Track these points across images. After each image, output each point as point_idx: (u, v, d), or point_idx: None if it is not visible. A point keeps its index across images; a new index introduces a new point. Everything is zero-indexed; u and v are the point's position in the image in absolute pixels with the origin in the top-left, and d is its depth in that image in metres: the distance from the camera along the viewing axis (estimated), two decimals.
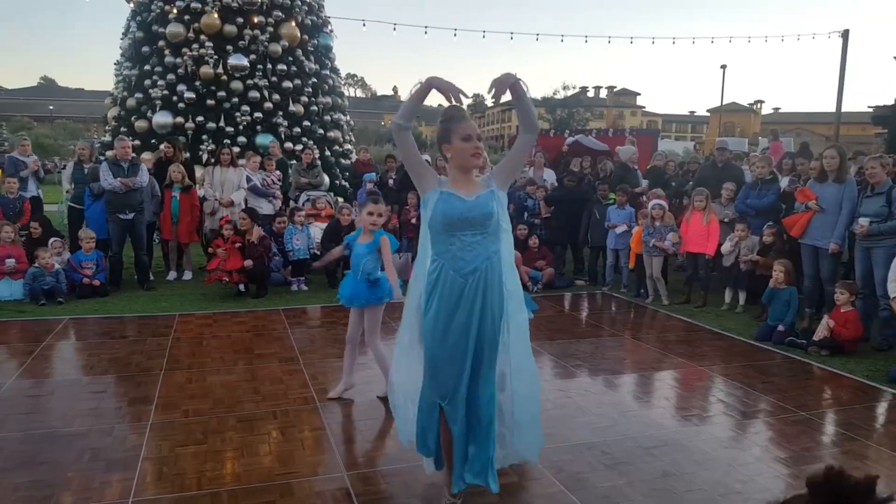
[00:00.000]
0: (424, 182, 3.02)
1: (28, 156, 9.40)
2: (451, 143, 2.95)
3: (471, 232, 2.93)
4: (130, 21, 12.50)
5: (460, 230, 2.92)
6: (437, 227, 2.96)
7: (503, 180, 3.09)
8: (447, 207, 2.91)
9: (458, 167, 2.99)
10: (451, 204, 2.92)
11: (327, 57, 13.57)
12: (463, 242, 2.93)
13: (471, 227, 2.92)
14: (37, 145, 10.75)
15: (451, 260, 2.94)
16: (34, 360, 5.31)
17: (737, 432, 4.16)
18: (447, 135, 2.97)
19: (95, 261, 7.69)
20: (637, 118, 74.37)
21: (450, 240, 2.94)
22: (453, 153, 2.96)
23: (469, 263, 2.93)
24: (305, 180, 10.09)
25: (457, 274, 2.93)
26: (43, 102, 64.96)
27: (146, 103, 11.76)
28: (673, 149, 35.42)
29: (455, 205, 2.91)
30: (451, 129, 2.95)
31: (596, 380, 5.16)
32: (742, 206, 7.76)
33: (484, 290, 2.94)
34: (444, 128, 2.99)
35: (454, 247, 2.94)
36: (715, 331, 6.71)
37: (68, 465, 3.49)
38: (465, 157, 2.94)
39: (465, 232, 2.92)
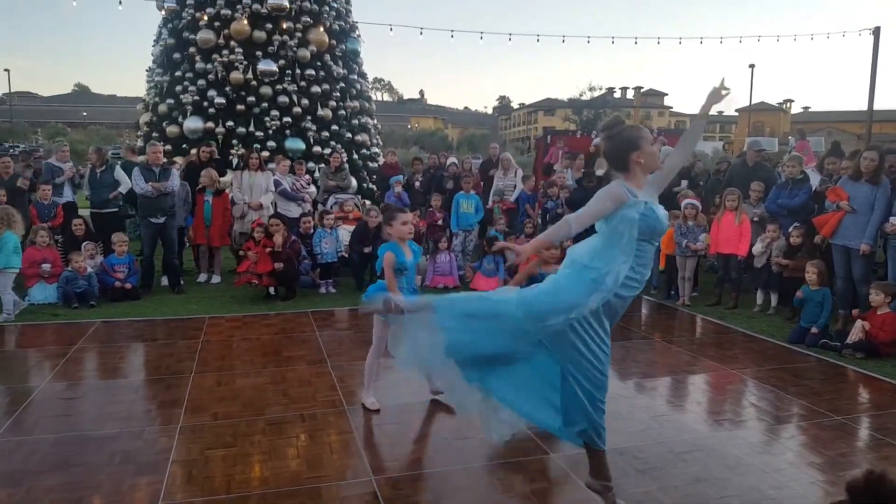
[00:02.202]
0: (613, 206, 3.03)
1: (66, 162, 9.61)
2: (642, 149, 3.05)
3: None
4: (162, 28, 12.71)
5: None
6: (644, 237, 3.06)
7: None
8: (652, 219, 3.03)
9: (646, 171, 3.09)
10: (655, 216, 3.05)
11: (355, 61, 13.65)
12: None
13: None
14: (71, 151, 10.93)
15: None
16: (67, 362, 5.40)
17: (770, 437, 4.07)
18: (638, 142, 3.05)
19: (127, 264, 7.81)
20: (665, 118, 73.68)
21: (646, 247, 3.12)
22: (645, 158, 3.05)
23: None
24: (333, 183, 10.14)
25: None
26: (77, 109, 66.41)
27: (177, 109, 11.94)
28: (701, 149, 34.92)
29: (659, 215, 3.07)
30: (641, 137, 3.07)
31: (627, 384, 5.09)
32: (773, 207, 7.62)
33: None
34: (631, 137, 3.07)
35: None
36: (747, 333, 6.59)
37: (99, 468, 3.53)
38: (655, 160, 3.11)
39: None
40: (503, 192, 10.14)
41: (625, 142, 3.05)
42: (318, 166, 11.29)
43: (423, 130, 69.25)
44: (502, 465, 3.66)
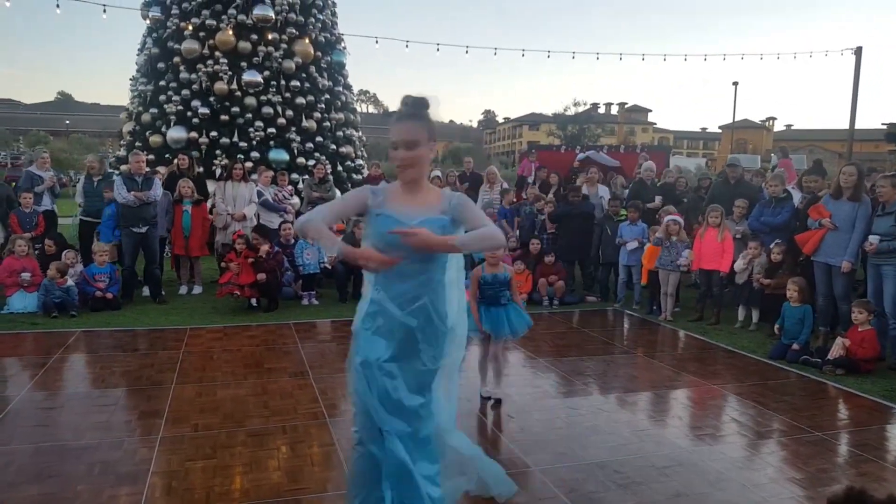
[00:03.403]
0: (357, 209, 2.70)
1: (46, 170, 9.51)
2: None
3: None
4: (146, 37, 12.68)
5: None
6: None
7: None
8: (384, 227, 2.57)
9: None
10: (383, 226, 2.56)
11: (340, 73, 13.68)
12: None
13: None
14: (53, 159, 10.84)
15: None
16: (46, 372, 5.33)
17: (751, 452, 4.10)
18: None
19: (108, 274, 7.74)
20: (648, 134, 74.45)
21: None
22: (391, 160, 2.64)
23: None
24: (317, 195, 10.12)
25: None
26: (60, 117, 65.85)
27: (161, 118, 11.88)
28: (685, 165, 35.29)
29: (391, 228, 2.51)
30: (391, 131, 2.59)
31: (608, 398, 5.11)
32: (756, 224, 7.71)
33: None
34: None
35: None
36: (728, 349, 6.65)
37: (78, 479, 3.48)
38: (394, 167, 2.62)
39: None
40: (491, 205, 10.18)
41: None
42: (302, 178, 11.28)
43: None
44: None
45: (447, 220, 2.57)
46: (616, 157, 14.09)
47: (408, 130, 2.55)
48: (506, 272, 4.88)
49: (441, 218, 2.56)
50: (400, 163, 2.56)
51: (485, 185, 10.58)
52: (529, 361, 6.08)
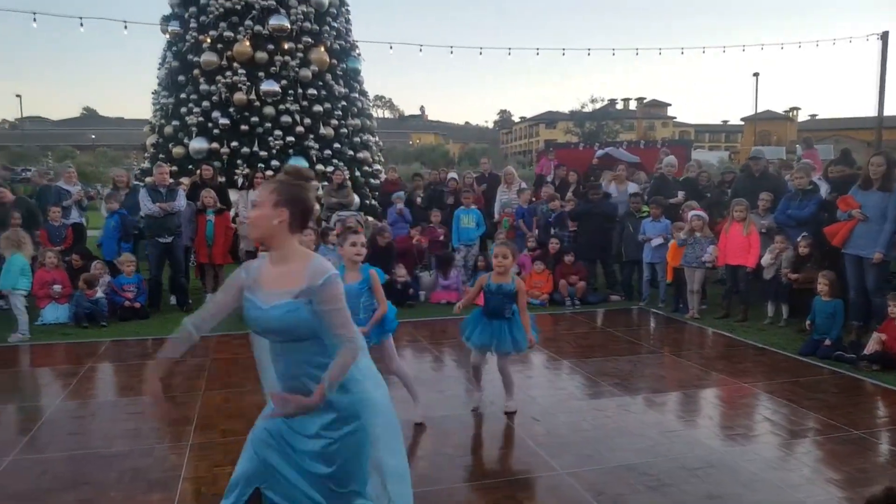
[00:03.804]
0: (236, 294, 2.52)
1: (73, 184, 9.68)
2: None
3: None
4: (166, 51, 12.86)
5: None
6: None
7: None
8: (247, 314, 2.45)
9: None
10: (249, 311, 2.44)
11: (356, 80, 13.76)
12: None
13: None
14: (80, 173, 11.05)
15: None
16: (78, 381, 5.41)
17: (785, 452, 4.03)
18: None
19: (136, 284, 7.85)
20: (668, 129, 73.79)
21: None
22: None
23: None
24: (336, 200, 10.19)
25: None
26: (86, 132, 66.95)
27: (183, 130, 12.03)
28: (707, 159, 34.94)
29: (251, 313, 2.42)
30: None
31: (635, 399, 5.06)
32: (782, 218, 7.59)
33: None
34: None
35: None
36: (758, 346, 6.55)
37: (111, 485, 3.53)
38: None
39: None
40: (509, 205, 10.16)
41: None
42: (321, 184, 11.33)
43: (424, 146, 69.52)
44: (509, 482, 3.63)
45: (301, 304, 2.30)
46: (636, 153, 13.97)
47: (258, 193, 2.49)
48: (513, 283, 4.49)
49: (292, 303, 2.29)
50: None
51: (502, 186, 10.55)
52: (553, 363, 6.05)
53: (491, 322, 4.51)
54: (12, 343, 6.62)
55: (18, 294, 6.83)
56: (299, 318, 2.28)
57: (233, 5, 12.00)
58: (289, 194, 2.38)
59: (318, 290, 2.28)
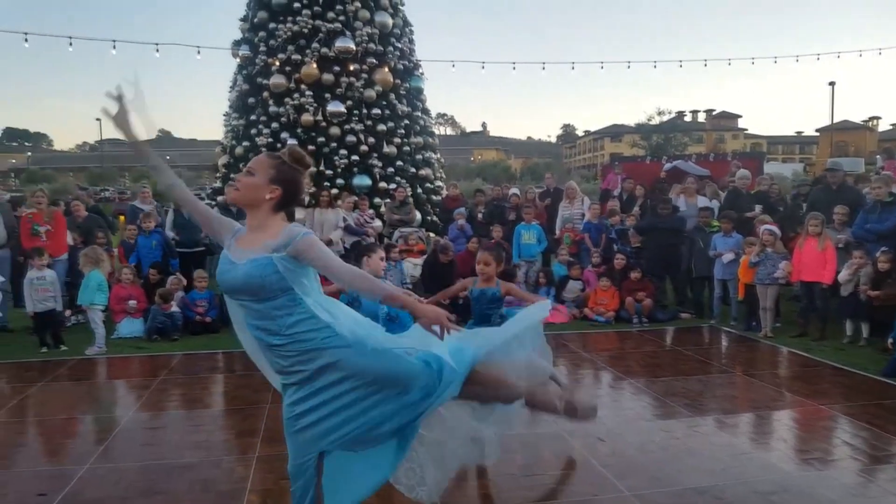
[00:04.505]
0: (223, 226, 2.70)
1: (148, 203, 10.10)
2: None
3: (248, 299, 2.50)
4: (237, 74, 13.35)
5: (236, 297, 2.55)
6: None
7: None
8: (219, 269, 2.59)
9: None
10: (221, 267, 2.58)
11: (418, 99, 13.93)
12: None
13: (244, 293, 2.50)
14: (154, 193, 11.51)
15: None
16: (151, 393, 5.62)
17: (867, 478, 3.81)
18: None
19: (208, 299, 8.11)
20: (739, 141, 71.78)
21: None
22: None
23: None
24: (398, 217, 10.31)
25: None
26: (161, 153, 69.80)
27: (253, 151, 12.40)
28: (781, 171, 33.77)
29: (223, 268, 2.56)
30: None
31: (705, 420, 4.88)
32: (861, 232, 7.25)
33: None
34: None
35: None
36: (836, 366, 6.24)
37: (181, 496, 3.64)
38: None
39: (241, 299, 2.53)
40: (570, 221, 10.04)
41: None
42: (384, 201, 11.50)
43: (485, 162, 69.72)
44: (571, 503, 3.56)
45: (279, 258, 2.41)
46: (705, 166, 13.63)
47: (256, 160, 2.58)
48: (497, 288, 4.42)
49: (266, 258, 2.40)
50: (232, 184, 2.58)
51: (564, 201, 10.43)
52: (619, 382, 5.91)
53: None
54: (89, 356, 6.92)
55: (96, 309, 7.14)
56: (266, 273, 2.38)
57: (300, 29, 12.37)
58: (287, 175, 2.54)
59: (298, 241, 2.41)
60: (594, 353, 6.96)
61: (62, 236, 8.30)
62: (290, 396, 2.61)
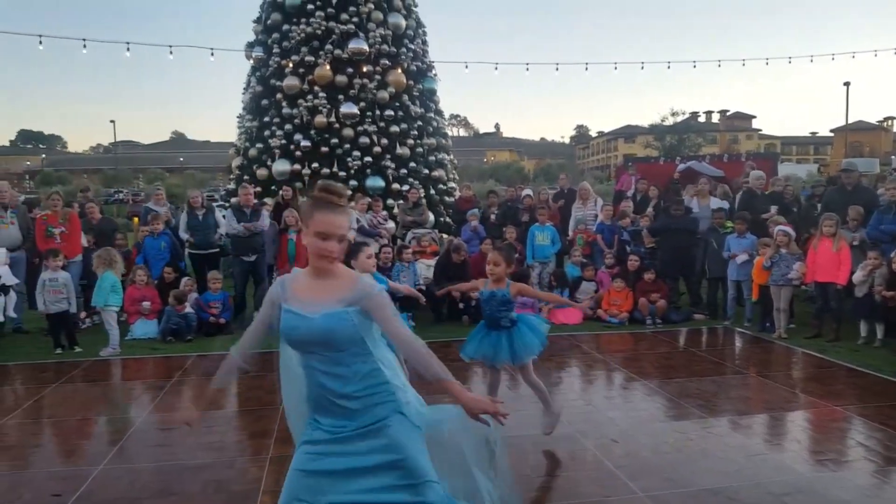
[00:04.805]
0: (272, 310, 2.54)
1: (162, 205, 10.18)
2: (308, 228, 2.39)
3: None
4: (250, 76, 13.41)
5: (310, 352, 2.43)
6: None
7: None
8: (287, 324, 2.44)
9: (315, 261, 2.42)
10: (289, 322, 2.42)
11: (431, 100, 13.93)
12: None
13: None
14: (168, 195, 11.62)
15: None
16: (165, 394, 5.66)
17: (881, 479, 3.78)
18: (306, 216, 2.41)
19: (221, 301, 8.16)
20: (753, 141, 71.34)
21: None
22: (308, 241, 2.40)
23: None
24: (411, 218, 10.32)
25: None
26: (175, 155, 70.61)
27: (266, 152, 12.47)
28: (795, 172, 33.53)
29: (292, 323, 2.42)
30: (310, 213, 2.39)
31: (719, 421, 4.86)
32: (875, 233, 7.19)
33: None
34: (306, 209, 2.44)
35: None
36: (850, 367, 6.19)
37: (195, 496, 3.67)
38: (314, 249, 2.38)
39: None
40: (584, 222, 10.02)
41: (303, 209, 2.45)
42: (397, 202, 11.52)
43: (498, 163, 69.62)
44: None
45: (353, 312, 2.35)
46: (720, 167, 13.51)
47: (341, 224, 2.41)
48: (507, 290, 4.27)
49: (343, 312, 2.34)
50: (329, 255, 2.36)
51: (577, 202, 10.40)
52: (633, 383, 5.89)
53: (489, 333, 4.30)
54: (103, 357, 6.98)
55: (111, 310, 7.20)
56: (346, 325, 2.33)
57: (314, 30, 12.40)
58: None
59: (366, 296, 2.36)
60: (608, 354, 6.94)
61: (77, 238, 8.38)
62: (323, 443, 2.49)
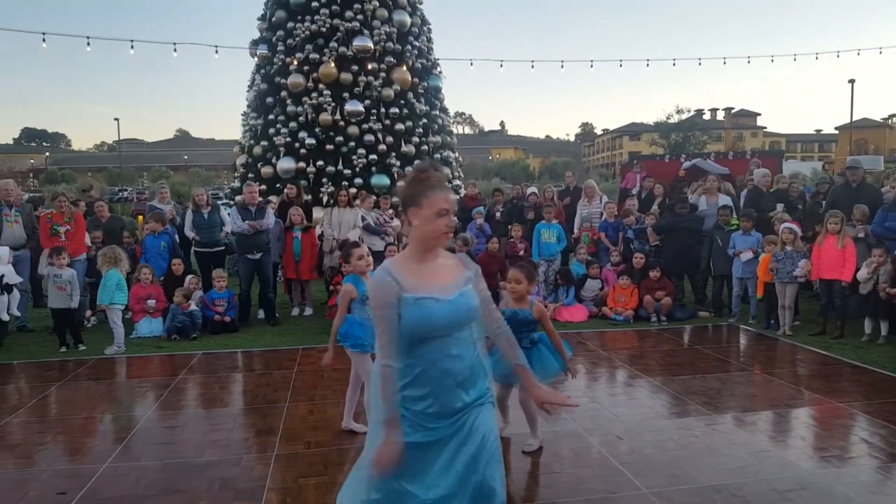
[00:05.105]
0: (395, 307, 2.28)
1: (166, 203, 10.20)
2: (419, 207, 2.29)
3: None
4: (255, 74, 13.43)
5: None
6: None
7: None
8: (425, 312, 2.25)
9: (423, 245, 2.35)
10: (428, 308, 2.25)
11: (437, 98, 13.93)
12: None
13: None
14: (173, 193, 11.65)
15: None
16: (170, 392, 5.69)
17: (884, 476, 3.78)
18: (415, 198, 2.30)
19: (227, 298, 8.18)
20: (758, 139, 71.16)
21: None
22: (420, 222, 2.30)
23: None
24: None
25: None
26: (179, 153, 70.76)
27: (271, 150, 12.50)
28: (800, 170, 33.43)
29: (431, 309, 2.25)
30: (424, 194, 2.29)
31: (724, 418, 4.87)
32: (880, 230, 7.17)
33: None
34: (416, 191, 2.31)
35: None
36: (855, 364, 6.18)
37: (201, 494, 3.69)
38: (432, 231, 2.30)
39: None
40: (589, 220, 10.02)
41: (405, 193, 2.35)
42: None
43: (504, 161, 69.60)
44: (592, 500, 3.57)
45: (472, 289, 2.36)
46: (725, 164, 13.48)
47: (453, 200, 2.37)
48: (530, 310, 4.13)
49: (470, 290, 2.34)
50: (450, 230, 2.31)
51: (582, 200, 10.40)
52: (638, 381, 5.90)
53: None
54: (108, 355, 7.01)
55: (116, 308, 7.22)
56: (475, 303, 2.35)
57: (318, 28, 12.43)
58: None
59: (477, 275, 2.42)
60: (613, 352, 6.94)
61: (81, 237, 8.42)
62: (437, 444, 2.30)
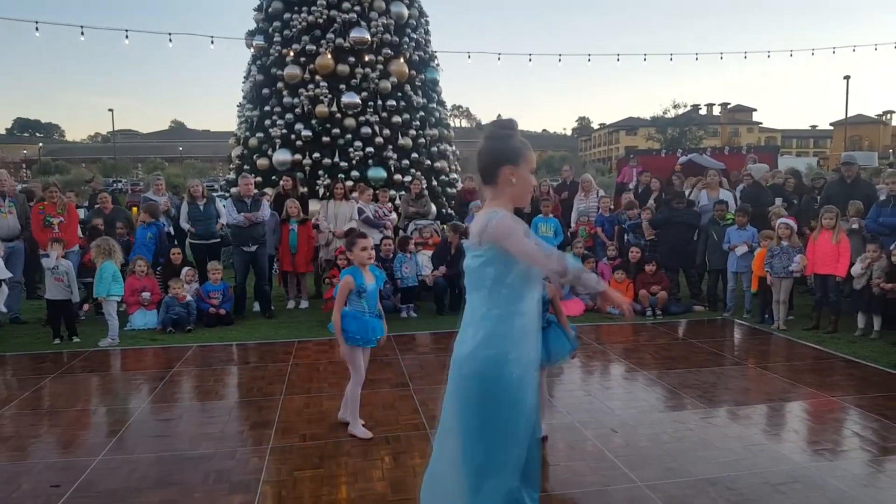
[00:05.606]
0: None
1: (161, 195, 10.16)
2: (517, 165, 2.56)
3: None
4: (251, 65, 13.35)
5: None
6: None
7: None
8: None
9: (512, 200, 2.64)
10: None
11: (434, 90, 13.88)
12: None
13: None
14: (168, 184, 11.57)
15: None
16: (165, 385, 5.68)
17: (875, 469, 3.81)
18: (515, 157, 2.55)
19: (222, 291, 8.16)
20: (754, 135, 71.26)
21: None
22: (518, 180, 2.58)
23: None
24: (414, 210, 10.31)
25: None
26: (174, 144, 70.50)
27: (267, 142, 12.45)
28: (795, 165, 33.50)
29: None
30: (524, 152, 2.57)
31: (718, 411, 4.89)
32: (874, 226, 7.20)
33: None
34: (516, 147, 2.55)
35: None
36: (848, 358, 6.22)
37: (195, 487, 3.69)
38: (526, 190, 2.66)
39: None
40: (586, 214, 10.03)
41: (501, 150, 2.56)
42: (399, 193, 11.51)
43: None
44: (586, 493, 3.58)
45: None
46: (721, 160, 13.51)
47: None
48: (545, 291, 4.10)
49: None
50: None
51: (579, 194, 10.42)
52: (633, 374, 5.92)
53: None
54: (103, 347, 6.99)
55: (112, 300, 7.21)
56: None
57: (315, 19, 12.35)
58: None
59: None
60: (608, 345, 6.96)
61: (74, 229, 8.38)
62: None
